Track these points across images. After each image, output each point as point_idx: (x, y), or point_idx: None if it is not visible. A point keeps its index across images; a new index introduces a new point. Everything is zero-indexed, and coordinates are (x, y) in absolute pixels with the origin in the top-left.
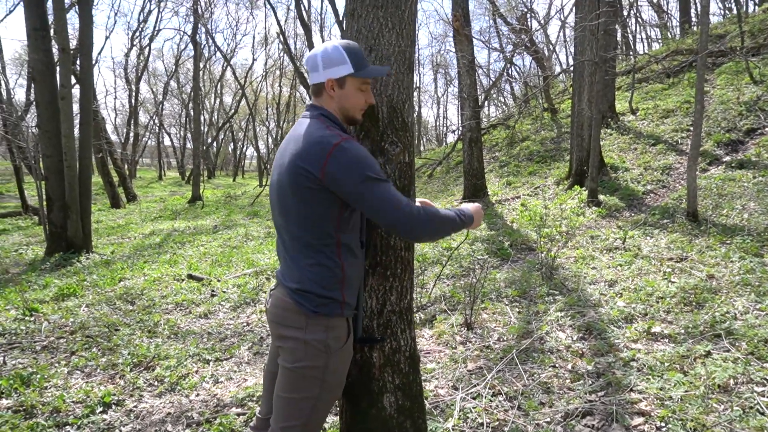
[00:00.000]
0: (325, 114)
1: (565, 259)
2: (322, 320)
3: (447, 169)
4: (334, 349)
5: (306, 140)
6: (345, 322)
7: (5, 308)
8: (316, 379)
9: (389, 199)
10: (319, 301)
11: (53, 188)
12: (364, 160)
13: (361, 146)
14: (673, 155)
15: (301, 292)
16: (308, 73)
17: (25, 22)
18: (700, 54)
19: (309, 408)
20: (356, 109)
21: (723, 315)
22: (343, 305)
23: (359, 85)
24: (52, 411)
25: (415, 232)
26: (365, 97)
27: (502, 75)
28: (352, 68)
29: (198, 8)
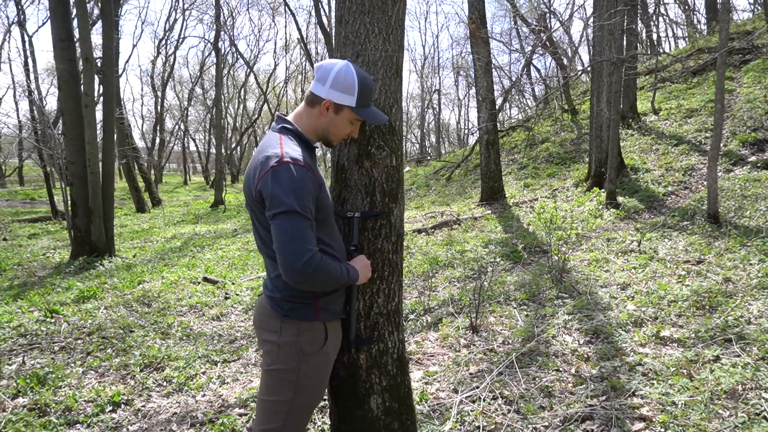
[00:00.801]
0: (288, 127)
1: (578, 262)
2: (294, 324)
3: (465, 171)
4: (308, 353)
5: (258, 154)
6: (321, 327)
7: (29, 310)
8: (290, 383)
9: (292, 241)
10: (291, 305)
11: (78, 193)
12: (293, 190)
13: (300, 174)
14: (696, 156)
15: (274, 297)
16: (315, 79)
17: (52, 33)
18: (719, 52)
19: (285, 411)
20: (338, 136)
21: (736, 319)
22: (318, 310)
23: (353, 119)
24: (64, 409)
25: (296, 281)
26: (351, 130)
27: (521, 75)
28: (355, 102)
29: (220, 16)
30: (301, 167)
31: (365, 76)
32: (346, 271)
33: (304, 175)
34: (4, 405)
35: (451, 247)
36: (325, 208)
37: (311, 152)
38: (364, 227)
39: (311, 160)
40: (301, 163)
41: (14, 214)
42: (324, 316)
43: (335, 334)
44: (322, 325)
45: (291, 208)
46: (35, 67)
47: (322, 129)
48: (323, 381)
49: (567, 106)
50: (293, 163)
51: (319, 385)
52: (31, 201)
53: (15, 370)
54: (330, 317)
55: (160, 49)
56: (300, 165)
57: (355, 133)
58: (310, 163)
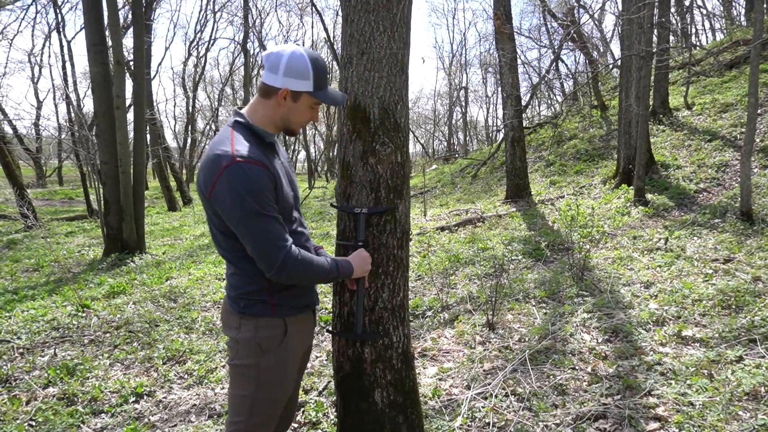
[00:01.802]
0: (240, 121)
1: (602, 260)
2: (251, 320)
3: (492, 169)
4: (267, 349)
5: (208, 153)
6: (279, 322)
7: (62, 304)
8: (251, 377)
9: (264, 242)
10: (246, 302)
11: (110, 193)
12: (249, 192)
13: (253, 171)
14: (730, 152)
15: (232, 296)
16: (263, 69)
17: (86, 38)
18: (753, 44)
19: (249, 405)
20: (300, 123)
21: (763, 319)
22: (275, 306)
23: (312, 104)
24: (90, 399)
25: (277, 275)
26: (312, 115)
27: (549, 70)
28: (312, 87)
29: (249, 17)
30: (253, 164)
31: (316, 57)
32: (335, 265)
33: (257, 173)
34: (35, 394)
35: (473, 244)
36: (283, 202)
37: (267, 146)
38: (369, 223)
39: (265, 154)
40: (252, 160)
41: (53, 212)
42: (281, 311)
43: (297, 328)
44: (280, 320)
45: (252, 211)
46: (73, 70)
47: (282, 119)
48: (286, 376)
49: (596, 101)
50: (244, 161)
51: (282, 380)
52: (69, 200)
53: (47, 361)
54: (289, 312)
55: (191, 51)
56: (251, 162)
57: (316, 117)
58: (262, 158)
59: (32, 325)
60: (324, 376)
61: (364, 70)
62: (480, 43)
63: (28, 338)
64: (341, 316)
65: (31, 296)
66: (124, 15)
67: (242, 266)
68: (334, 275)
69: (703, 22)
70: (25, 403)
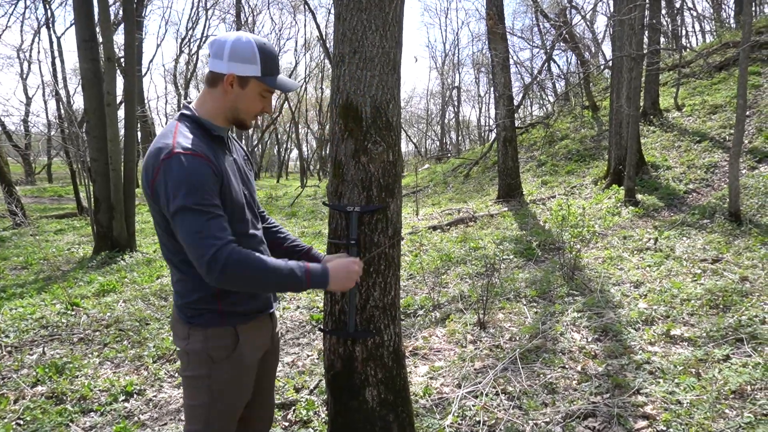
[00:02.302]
0: (186, 114)
1: (592, 260)
2: (199, 331)
3: (483, 168)
4: (218, 360)
5: (150, 147)
6: (230, 332)
7: (51, 303)
8: (203, 388)
9: (195, 235)
10: (194, 311)
11: (100, 190)
12: (185, 183)
13: (192, 163)
14: (719, 153)
15: (178, 305)
16: (209, 57)
17: (76, 34)
18: (741, 46)
19: (204, 415)
20: (250, 113)
21: (750, 318)
22: (223, 315)
23: (262, 91)
24: (80, 398)
25: (210, 275)
26: (264, 104)
27: (541, 70)
28: (260, 71)
29: (241, 14)
30: (193, 156)
31: (264, 42)
32: (298, 271)
33: (197, 165)
34: (23, 393)
35: (465, 243)
36: (231, 201)
37: (215, 140)
38: (361, 222)
39: (211, 148)
40: (192, 151)
41: (42, 210)
42: (232, 320)
43: (249, 335)
44: (230, 329)
45: (187, 204)
46: (63, 67)
47: (230, 109)
48: (240, 384)
49: (587, 102)
50: (183, 153)
51: (236, 389)
52: (58, 198)
53: (35, 359)
54: (240, 319)
55: (183, 48)
56: (191, 154)
57: (269, 108)
58: (206, 151)
59: (20, 324)
60: (315, 375)
61: (356, 69)
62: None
63: (16, 336)
64: (332, 314)
65: (19, 294)
66: (115, 11)
67: (186, 271)
68: (292, 283)
69: (693, 24)
70: (13, 401)
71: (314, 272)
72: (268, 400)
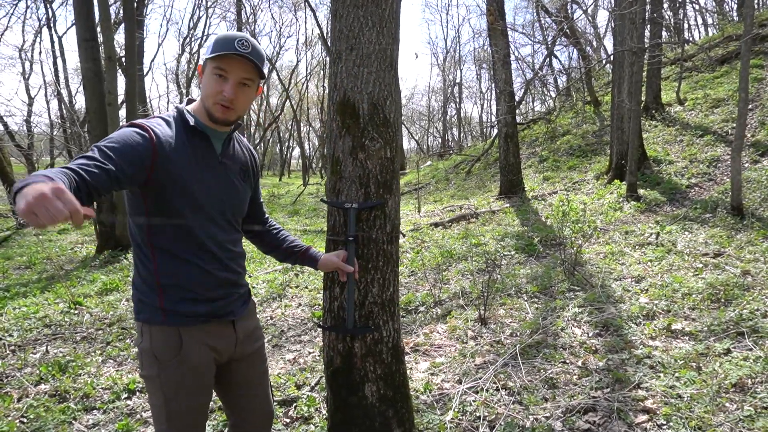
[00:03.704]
0: (178, 106)
1: (594, 255)
2: (145, 328)
3: (485, 165)
4: (163, 360)
5: None
6: (172, 332)
7: (54, 302)
8: (156, 389)
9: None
10: (140, 305)
11: None
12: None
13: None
14: (721, 147)
15: (132, 295)
16: None
17: (77, 33)
18: (743, 39)
19: (163, 415)
20: (209, 98)
21: (751, 312)
22: (165, 313)
23: (213, 69)
24: (82, 396)
25: None
26: (220, 86)
27: (542, 66)
28: (210, 51)
29: (242, 13)
30: (135, 127)
31: (229, 32)
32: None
33: (130, 131)
34: (27, 391)
35: (466, 240)
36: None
37: (194, 134)
38: (359, 218)
39: (181, 139)
40: (139, 124)
41: None
42: (174, 319)
43: (197, 339)
44: (174, 329)
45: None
46: (65, 66)
47: (203, 100)
48: (190, 386)
49: (589, 97)
50: (134, 123)
51: (188, 391)
52: None
53: (39, 358)
54: (183, 321)
55: (184, 47)
56: (136, 125)
57: (227, 90)
58: (160, 132)
59: (24, 323)
60: (316, 372)
61: (353, 66)
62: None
63: (19, 335)
64: (331, 311)
65: (23, 294)
66: (116, 10)
67: (142, 261)
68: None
69: (696, 18)
70: (17, 400)
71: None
72: (258, 406)
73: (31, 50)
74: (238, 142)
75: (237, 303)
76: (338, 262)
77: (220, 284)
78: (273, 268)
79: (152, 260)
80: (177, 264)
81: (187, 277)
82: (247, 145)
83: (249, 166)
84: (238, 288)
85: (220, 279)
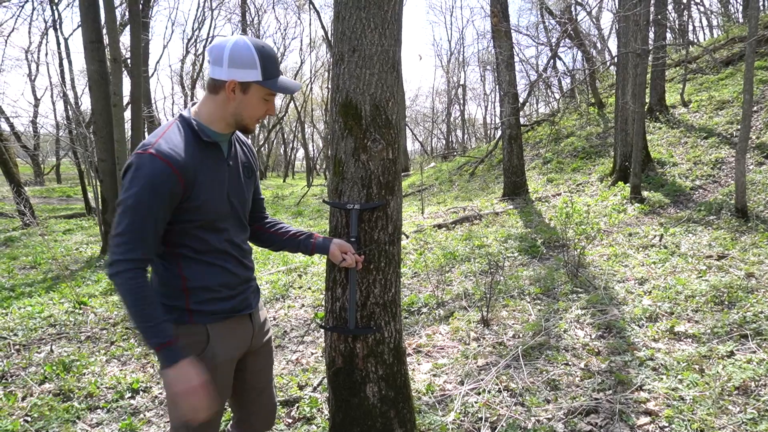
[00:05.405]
0: (184, 115)
1: (597, 257)
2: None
3: (489, 167)
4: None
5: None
6: (200, 329)
7: (59, 302)
8: None
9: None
10: (163, 308)
11: (107, 190)
12: (141, 185)
13: (156, 166)
14: (726, 149)
15: None
16: (209, 63)
17: (83, 35)
18: (748, 41)
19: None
20: (253, 119)
21: (755, 315)
22: (192, 313)
23: (264, 95)
24: (87, 395)
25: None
26: (267, 108)
27: (546, 67)
28: (261, 75)
29: (246, 14)
30: (163, 163)
31: (263, 45)
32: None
33: (162, 173)
34: (31, 390)
35: (470, 241)
36: (207, 210)
37: (206, 146)
38: (361, 219)
39: (196, 154)
40: (163, 156)
41: (51, 210)
42: (201, 318)
43: (222, 334)
44: (201, 327)
45: (130, 201)
46: (71, 68)
47: (233, 114)
48: (215, 383)
49: (593, 99)
50: (157, 155)
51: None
52: (67, 198)
53: (43, 357)
54: (210, 319)
55: (189, 48)
56: (163, 160)
57: (272, 110)
58: (181, 158)
59: (29, 322)
60: (319, 372)
61: (356, 68)
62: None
63: (24, 335)
64: (333, 311)
65: (28, 293)
66: (122, 12)
67: (163, 266)
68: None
69: (701, 19)
70: (21, 399)
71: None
72: (265, 401)
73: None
74: (236, 140)
75: (252, 296)
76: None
77: (240, 281)
78: (276, 269)
79: (177, 265)
80: (201, 267)
81: (212, 279)
82: (244, 140)
83: (250, 162)
84: (251, 282)
85: (240, 277)
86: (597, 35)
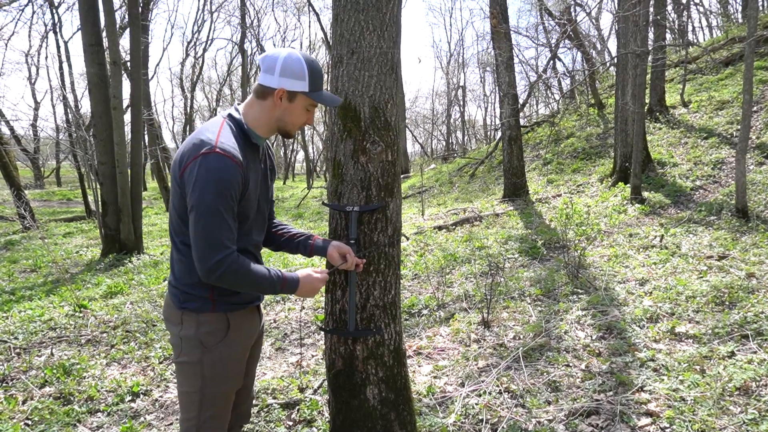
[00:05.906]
0: (234, 116)
1: (597, 258)
2: (192, 316)
3: (489, 168)
4: (209, 345)
5: (192, 136)
6: (221, 317)
7: (60, 305)
8: (195, 374)
9: (207, 236)
10: (186, 296)
11: (107, 193)
12: (215, 182)
13: (227, 165)
14: (726, 149)
15: (173, 287)
16: (260, 70)
17: (82, 38)
18: (747, 41)
19: (197, 402)
20: (295, 125)
21: (756, 315)
22: (215, 301)
23: (307, 105)
24: (87, 398)
25: (206, 278)
26: (308, 117)
27: (546, 68)
28: (308, 87)
29: (246, 17)
30: (231, 160)
31: (312, 60)
32: (278, 279)
33: (231, 168)
34: (32, 393)
35: (470, 243)
36: (245, 207)
37: (252, 147)
38: (361, 221)
39: (246, 154)
40: (230, 155)
41: (51, 213)
42: (222, 307)
43: (240, 323)
44: (222, 315)
45: (209, 203)
46: (71, 71)
47: (277, 120)
48: (231, 370)
49: (593, 100)
50: (224, 153)
51: (228, 375)
52: (67, 201)
53: (44, 361)
54: (231, 308)
55: (188, 51)
56: (229, 157)
57: (311, 120)
58: (241, 156)
59: (29, 326)
60: (319, 375)
61: (354, 70)
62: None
63: (25, 338)
64: (333, 313)
65: (28, 297)
66: (121, 15)
67: (186, 253)
68: (270, 289)
69: (700, 20)
70: (22, 402)
71: (288, 281)
72: (251, 388)
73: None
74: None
75: None
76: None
77: None
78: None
79: None
80: None
81: None
82: (267, 144)
83: (273, 166)
84: None
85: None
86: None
